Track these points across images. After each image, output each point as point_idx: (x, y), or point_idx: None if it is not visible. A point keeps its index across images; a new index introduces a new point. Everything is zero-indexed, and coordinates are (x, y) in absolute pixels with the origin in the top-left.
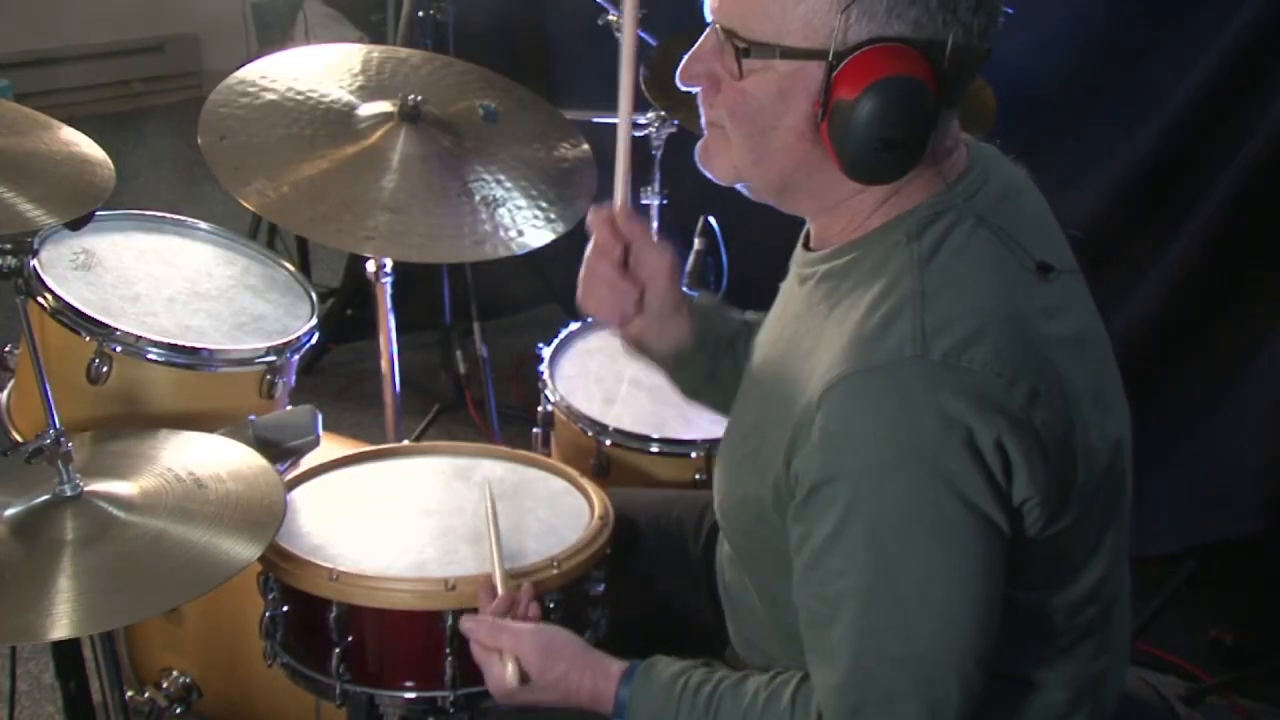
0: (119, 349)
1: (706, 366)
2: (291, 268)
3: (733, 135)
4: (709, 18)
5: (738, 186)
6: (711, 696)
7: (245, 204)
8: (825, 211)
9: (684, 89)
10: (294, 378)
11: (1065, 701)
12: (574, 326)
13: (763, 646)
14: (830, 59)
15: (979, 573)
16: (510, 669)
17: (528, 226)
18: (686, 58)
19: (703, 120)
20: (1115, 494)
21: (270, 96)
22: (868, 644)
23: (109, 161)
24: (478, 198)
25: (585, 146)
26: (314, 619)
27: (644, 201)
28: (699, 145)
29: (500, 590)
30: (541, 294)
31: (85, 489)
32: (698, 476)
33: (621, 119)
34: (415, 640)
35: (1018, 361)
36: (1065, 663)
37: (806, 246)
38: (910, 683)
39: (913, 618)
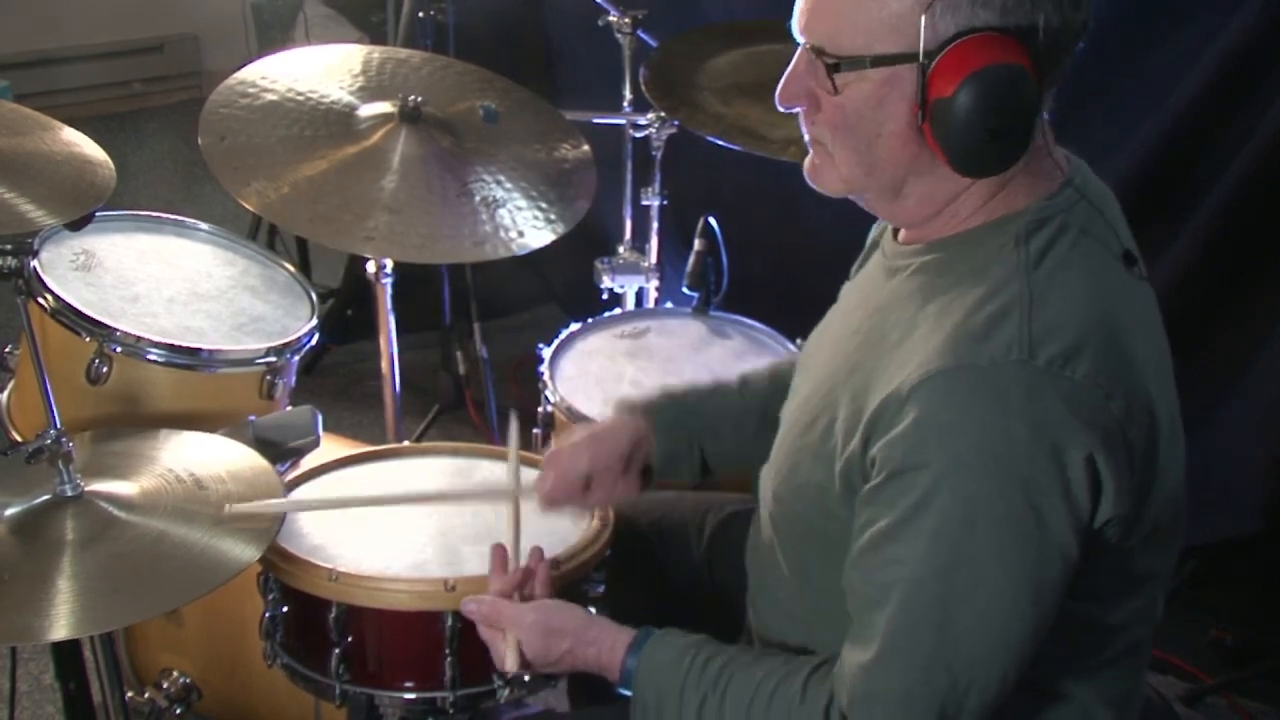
0: (119, 349)
1: (695, 465)
2: (291, 268)
3: (838, 150)
4: (798, 38)
5: (851, 197)
6: (721, 673)
7: (245, 204)
8: (930, 213)
9: (784, 111)
10: (294, 378)
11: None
12: (574, 327)
13: (788, 639)
14: (921, 59)
15: (1032, 592)
16: (510, 655)
17: (528, 227)
18: (782, 80)
19: (806, 138)
20: (1176, 523)
21: (270, 97)
22: (903, 637)
23: (109, 162)
24: (478, 198)
25: (585, 147)
26: (314, 619)
27: (644, 202)
28: (806, 163)
29: (512, 559)
30: (541, 294)
31: (85, 489)
32: None
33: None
34: (415, 640)
35: (1116, 376)
36: (1105, 679)
37: (895, 239)
38: (933, 685)
39: (954, 621)
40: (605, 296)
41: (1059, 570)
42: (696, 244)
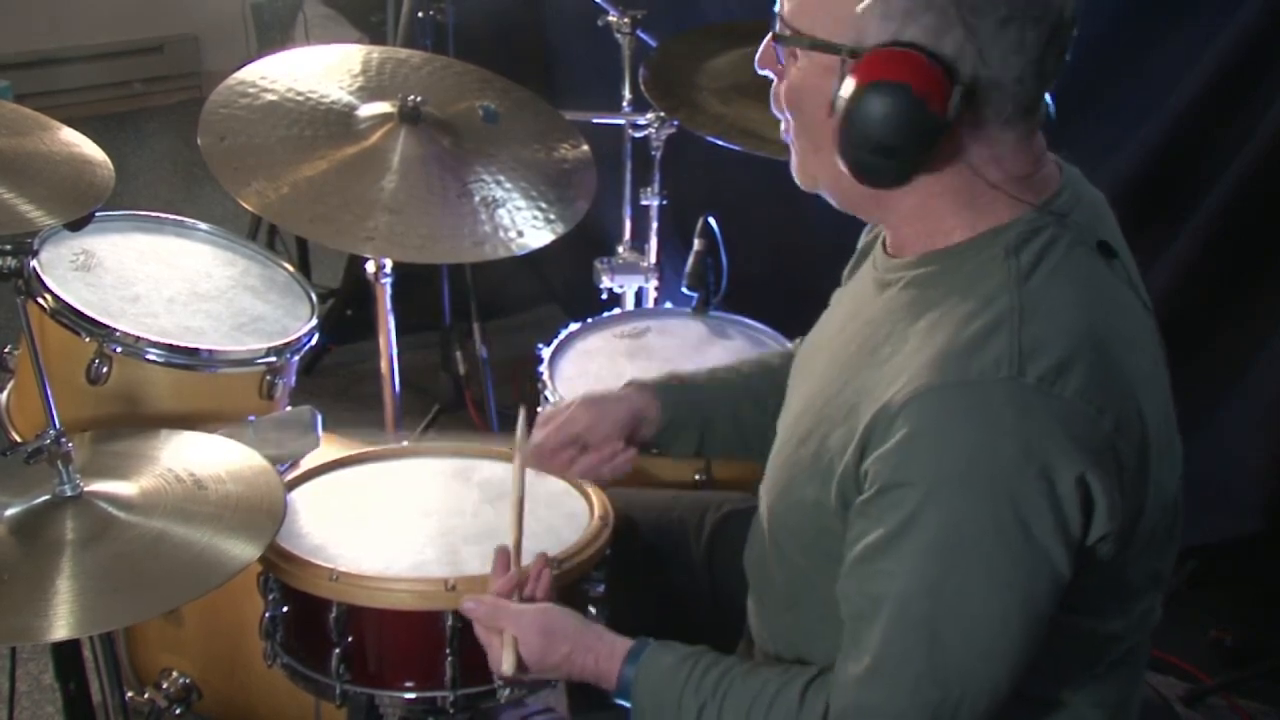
0: (119, 350)
1: (692, 439)
2: (291, 268)
3: (796, 137)
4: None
5: (821, 194)
6: (719, 682)
7: (245, 204)
8: (900, 219)
9: (760, 73)
10: (294, 378)
11: None
12: (573, 327)
13: (788, 646)
14: (844, 55)
15: (1022, 606)
16: (507, 657)
17: (527, 227)
18: (763, 45)
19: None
20: (1172, 529)
21: (270, 97)
22: (894, 650)
23: (109, 162)
24: (477, 198)
25: (585, 147)
26: (314, 619)
27: (644, 202)
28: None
29: (513, 563)
30: (541, 294)
31: (85, 489)
32: (697, 477)
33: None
34: (415, 640)
35: (1107, 390)
36: (1101, 686)
37: (885, 251)
38: (923, 698)
39: (944, 636)
40: (605, 296)
41: (1048, 585)
42: (696, 244)
